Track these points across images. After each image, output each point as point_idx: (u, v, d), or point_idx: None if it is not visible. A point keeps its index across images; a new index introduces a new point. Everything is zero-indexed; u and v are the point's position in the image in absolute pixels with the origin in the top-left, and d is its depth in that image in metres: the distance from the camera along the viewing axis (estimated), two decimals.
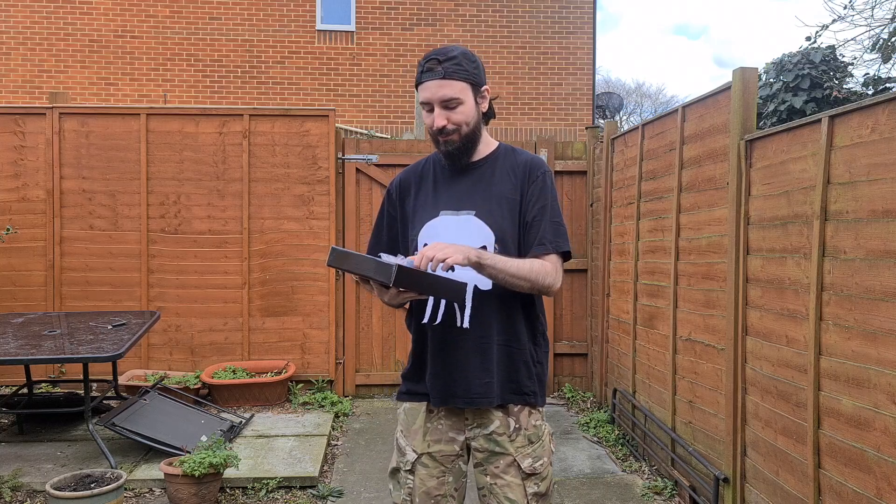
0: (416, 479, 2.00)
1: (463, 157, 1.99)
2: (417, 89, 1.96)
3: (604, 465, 4.48)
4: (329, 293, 5.93)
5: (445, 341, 1.96)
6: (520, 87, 10.83)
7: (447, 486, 2.01)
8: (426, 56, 1.94)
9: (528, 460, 1.96)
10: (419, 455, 2.01)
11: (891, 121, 2.38)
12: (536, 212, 1.95)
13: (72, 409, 4.65)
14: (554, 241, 1.94)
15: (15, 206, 5.77)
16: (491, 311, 1.93)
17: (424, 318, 2.00)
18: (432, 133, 1.95)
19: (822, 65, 6.30)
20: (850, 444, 2.53)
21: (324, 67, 10.64)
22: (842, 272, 2.59)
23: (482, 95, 1.98)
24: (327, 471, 4.35)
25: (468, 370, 1.93)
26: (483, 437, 1.98)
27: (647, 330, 4.61)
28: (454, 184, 2.02)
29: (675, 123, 4.19)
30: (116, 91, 10.41)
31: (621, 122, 22.21)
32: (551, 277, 1.90)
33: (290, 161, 5.93)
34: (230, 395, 5.49)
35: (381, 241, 2.13)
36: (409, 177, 2.12)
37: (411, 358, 2.07)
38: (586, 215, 6.16)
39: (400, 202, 2.10)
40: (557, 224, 1.97)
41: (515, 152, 2.05)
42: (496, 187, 1.98)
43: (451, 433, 2.01)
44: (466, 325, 1.93)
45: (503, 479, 1.95)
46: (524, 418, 1.98)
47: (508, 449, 1.96)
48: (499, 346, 1.94)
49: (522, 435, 1.97)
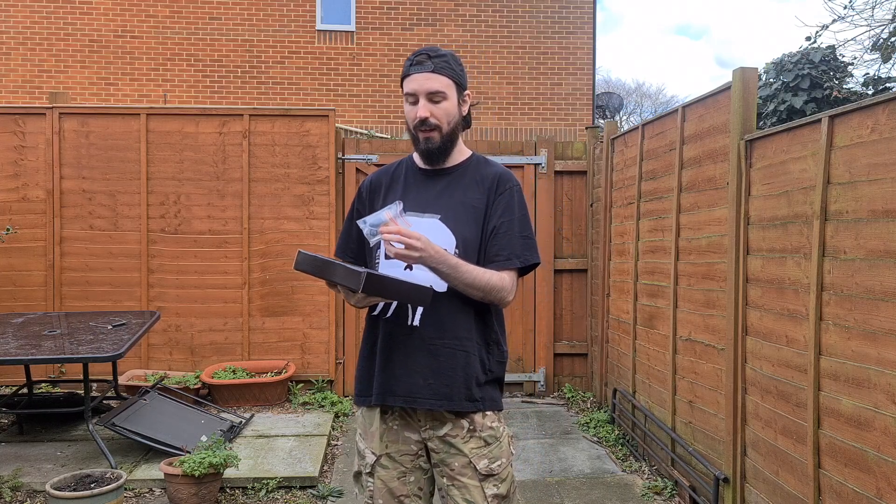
0: (377, 481, 2.02)
1: (440, 158, 2.02)
2: (403, 83, 1.98)
3: (604, 465, 4.48)
4: (329, 293, 5.92)
5: (393, 337, 1.97)
6: (520, 87, 10.83)
7: (410, 486, 2.02)
8: (416, 52, 1.98)
9: (485, 461, 1.95)
10: (378, 457, 2.02)
11: (891, 121, 2.38)
12: (500, 224, 1.97)
13: (72, 409, 4.65)
14: (521, 255, 1.96)
15: (15, 206, 5.77)
16: (443, 313, 1.93)
17: (375, 311, 2.01)
18: (413, 126, 1.97)
19: (822, 65, 6.31)
20: (850, 444, 2.52)
21: (324, 67, 10.64)
22: (842, 272, 2.59)
23: (464, 99, 2.02)
24: (327, 471, 4.35)
25: (412, 369, 1.94)
26: (437, 439, 1.98)
27: (647, 330, 4.61)
28: (423, 188, 2.04)
29: (675, 123, 4.19)
30: (116, 91, 10.41)
31: (621, 122, 22.21)
32: (505, 291, 1.94)
33: (290, 161, 5.93)
34: (230, 395, 5.49)
35: (350, 239, 2.14)
36: (380, 177, 2.14)
37: (361, 353, 2.07)
38: (586, 215, 6.16)
39: (369, 201, 2.12)
40: (526, 238, 1.98)
41: (487, 163, 2.08)
42: (464, 195, 2.00)
43: (406, 432, 2.01)
44: (416, 324, 1.94)
45: (460, 481, 1.95)
46: (478, 420, 1.97)
47: (463, 450, 1.96)
48: (447, 350, 1.94)
49: (477, 436, 1.96)
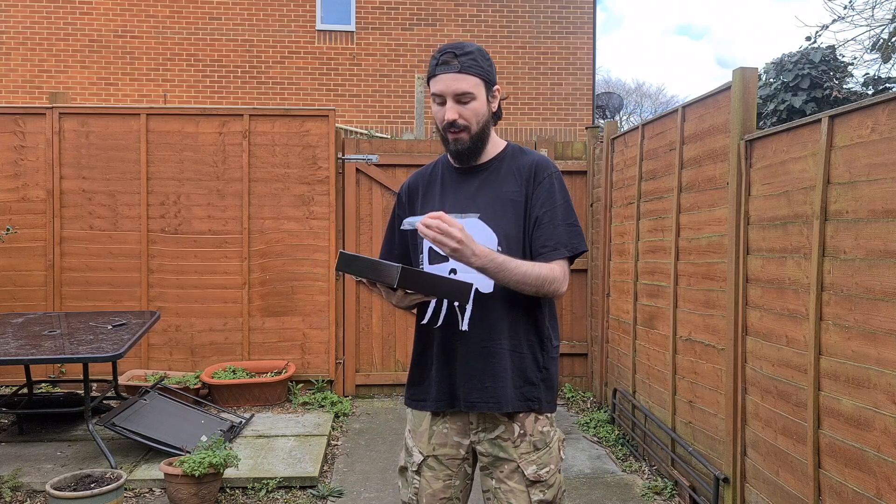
0: (423, 481, 2.01)
1: (472, 158, 1.97)
2: (429, 82, 1.93)
3: (604, 465, 4.48)
4: (329, 293, 5.93)
5: (445, 344, 1.95)
6: (520, 87, 10.83)
7: (453, 490, 2.01)
8: (441, 49, 1.91)
9: (533, 467, 1.92)
10: (425, 457, 2.01)
11: (891, 121, 2.38)
12: (543, 214, 1.91)
13: (72, 409, 4.65)
14: (569, 244, 1.91)
15: (15, 206, 5.77)
16: (492, 314, 1.91)
17: (424, 320, 1.99)
18: (442, 128, 1.92)
19: (821, 65, 6.30)
20: (850, 444, 2.52)
21: (324, 67, 10.64)
22: (842, 272, 2.59)
23: (493, 94, 1.96)
24: (327, 471, 4.35)
25: (468, 374, 1.92)
26: (487, 442, 1.96)
27: (647, 330, 4.61)
28: (461, 186, 2.00)
29: (675, 123, 4.19)
30: (116, 91, 10.41)
31: (621, 122, 22.20)
32: (558, 283, 1.87)
33: (290, 161, 5.93)
34: (230, 395, 5.49)
35: (393, 245, 2.12)
36: (417, 180, 2.11)
37: (412, 360, 2.06)
38: (586, 215, 6.16)
39: (409, 205, 2.09)
40: (571, 225, 1.92)
41: (524, 153, 2.02)
42: (502, 189, 1.95)
43: (456, 437, 2.00)
44: (466, 328, 1.92)
45: (507, 485, 1.93)
46: (529, 424, 1.95)
47: (512, 454, 1.93)
48: (500, 351, 1.91)
49: (528, 441, 1.94)
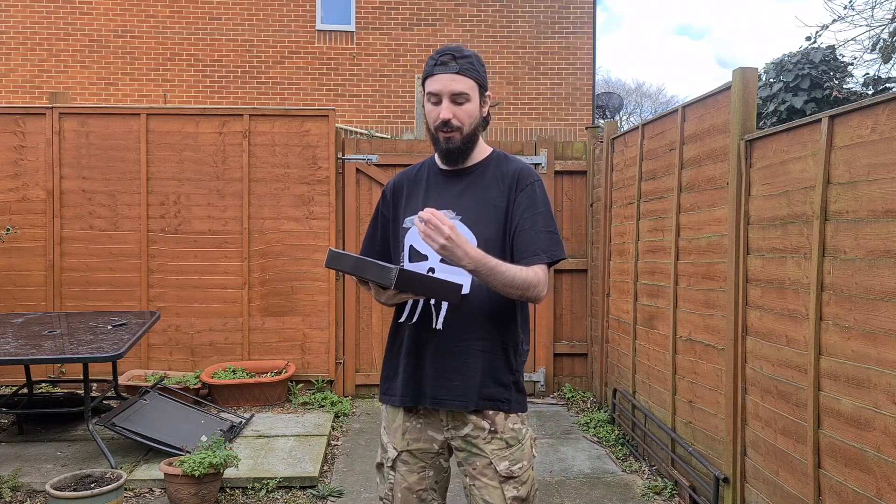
0: (398, 475, 2.06)
1: (460, 159, 2.02)
2: (426, 82, 1.98)
3: (604, 465, 4.48)
4: (329, 293, 5.93)
5: (417, 341, 1.99)
6: (520, 87, 10.83)
7: (428, 481, 2.06)
8: (439, 51, 1.97)
9: (505, 463, 1.96)
10: (399, 452, 2.05)
11: (891, 121, 2.38)
12: (525, 220, 1.96)
13: (72, 409, 4.65)
14: (549, 250, 1.95)
15: (15, 206, 5.77)
16: (466, 314, 1.95)
17: (401, 318, 2.04)
18: (435, 127, 1.96)
19: (822, 65, 6.30)
20: (850, 444, 2.53)
21: (324, 67, 10.64)
22: (842, 272, 2.59)
23: (485, 100, 2.02)
24: (327, 471, 4.35)
25: (438, 372, 1.96)
26: (460, 439, 2.01)
27: (647, 330, 4.61)
28: (445, 188, 2.05)
29: (675, 123, 4.19)
30: (116, 91, 10.41)
31: (621, 122, 22.20)
32: (540, 287, 1.92)
33: (290, 161, 5.93)
34: (230, 395, 5.49)
35: (375, 241, 2.18)
36: (402, 179, 2.17)
37: (385, 355, 2.11)
38: (586, 215, 6.16)
39: (393, 204, 2.14)
40: (551, 233, 1.98)
41: (508, 160, 2.07)
42: (485, 194, 2.01)
43: (429, 432, 2.04)
44: (440, 327, 1.96)
45: (480, 481, 1.97)
46: (500, 421, 1.98)
47: (484, 450, 1.97)
48: (473, 351, 1.96)
49: (499, 438, 1.97)
